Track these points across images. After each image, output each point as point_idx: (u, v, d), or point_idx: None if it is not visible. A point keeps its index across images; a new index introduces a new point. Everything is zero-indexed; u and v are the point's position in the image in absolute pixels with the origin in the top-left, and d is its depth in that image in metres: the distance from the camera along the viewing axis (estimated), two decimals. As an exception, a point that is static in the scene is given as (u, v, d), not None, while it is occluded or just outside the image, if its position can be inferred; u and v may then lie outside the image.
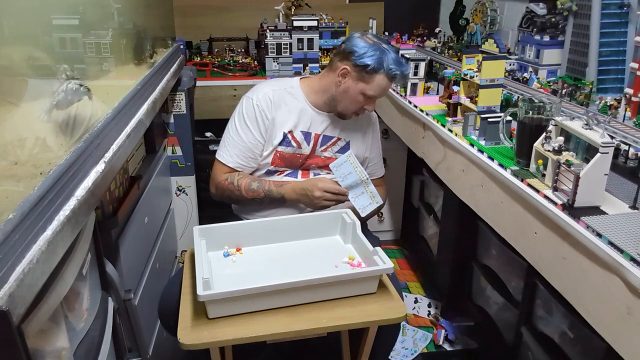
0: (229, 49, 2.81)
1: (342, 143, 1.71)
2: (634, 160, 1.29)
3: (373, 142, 1.80)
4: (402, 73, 1.59)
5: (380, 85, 1.57)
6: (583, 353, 1.27)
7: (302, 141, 1.66)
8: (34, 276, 0.67)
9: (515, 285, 1.61)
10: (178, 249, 2.37)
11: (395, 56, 1.57)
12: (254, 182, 1.61)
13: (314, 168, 1.70)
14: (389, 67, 1.54)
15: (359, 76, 1.56)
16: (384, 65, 1.54)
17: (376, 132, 1.82)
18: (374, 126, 1.81)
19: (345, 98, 1.60)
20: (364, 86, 1.57)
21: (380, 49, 1.55)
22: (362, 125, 1.75)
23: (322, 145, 1.69)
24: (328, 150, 1.70)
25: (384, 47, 1.56)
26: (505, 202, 1.35)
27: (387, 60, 1.54)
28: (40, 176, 0.77)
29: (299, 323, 1.17)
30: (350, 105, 1.62)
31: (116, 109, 1.16)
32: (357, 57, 1.54)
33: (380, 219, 2.80)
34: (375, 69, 1.54)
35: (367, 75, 1.55)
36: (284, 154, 1.65)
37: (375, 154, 1.82)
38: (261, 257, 1.39)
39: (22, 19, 0.78)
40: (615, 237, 0.98)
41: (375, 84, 1.56)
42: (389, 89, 1.64)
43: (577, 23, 1.84)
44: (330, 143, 1.70)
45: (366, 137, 1.76)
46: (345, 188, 1.56)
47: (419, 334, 2.14)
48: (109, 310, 1.08)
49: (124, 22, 1.40)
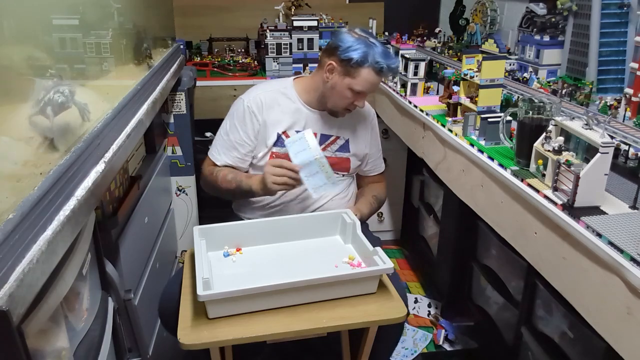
0: (229, 49, 2.81)
1: (341, 141, 1.71)
2: (634, 160, 1.29)
3: (372, 139, 1.79)
4: (388, 66, 1.53)
5: (367, 80, 1.54)
6: (583, 353, 1.27)
7: None
8: (34, 276, 0.67)
9: (515, 285, 1.61)
10: (178, 249, 2.37)
11: (383, 49, 1.54)
12: (231, 173, 1.63)
13: None
14: (375, 61, 1.51)
15: (344, 71, 1.54)
16: (369, 59, 1.51)
17: (375, 128, 1.81)
18: (372, 122, 1.79)
19: (333, 94, 1.59)
20: (350, 81, 1.54)
21: (366, 42, 1.53)
22: (360, 122, 1.74)
23: (321, 145, 1.69)
24: (327, 149, 1.69)
25: (371, 40, 1.54)
26: (505, 202, 1.35)
27: (373, 53, 1.51)
28: (40, 176, 0.77)
29: (299, 323, 1.17)
30: (339, 102, 1.60)
31: (116, 109, 1.16)
32: (342, 52, 1.53)
33: (380, 219, 2.80)
34: (361, 63, 1.51)
35: (353, 70, 1.53)
36: (279, 154, 1.64)
37: (375, 151, 1.81)
38: (261, 257, 1.39)
39: (20, 19, 0.78)
40: (615, 237, 0.98)
41: (361, 79, 1.54)
42: (377, 83, 1.59)
43: (577, 23, 1.84)
44: (329, 142, 1.70)
45: (365, 134, 1.75)
46: (297, 165, 1.49)
47: (419, 334, 2.14)
48: (109, 310, 1.08)
49: (124, 22, 1.40)
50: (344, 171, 1.71)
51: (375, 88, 1.61)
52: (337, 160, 1.69)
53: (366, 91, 1.58)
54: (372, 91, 1.62)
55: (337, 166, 1.69)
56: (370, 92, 1.61)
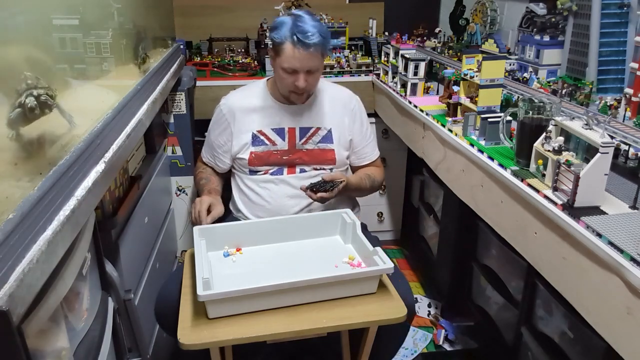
0: (229, 49, 2.80)
1: (323, 132, 1.71)
2: (634, 160, 1.29)
3: (356, 125, 1.76)
4: (303, 35, 1.49)
5: (290, 55, 1.53)
6: (583, 353, 1.27)
7: (274, 138, 1.68)
8: (34, 276, 0.67)
9: (515, 285, 1.61)
10: (178, 249, 2.37)
11: (299, 21, 1.52)
12: (203, 179, 1.78)
13: (300, 164, 1.70)
14: (291, 34, 1.51)
15: (274, 52, 1.58)
16: (286, 34, 1.52)
17: (358, 114, 1.78)
18: (354, 109, 1.77)
19: (277, 79, 1.63)
20: (279, 60, 1.56)
21: (286, 20, 1.54)
22: (340, 110, 1.74)
23: (302, 138, 1.69)
24: (309, 142, 1.70)
25: (291, 15, 1.55)
26: (505, 202, 1.35)
27: (291, 27, 1.51)
28: (40, 176, 0.77)
29: (299, 323, 1.17)
30: (282, 86, 1.62)
31: (116, 108, 1.16)
32: (270, 36, 1.58)
33: (380, 219, 2.80)
34: (280, 41, 1.53)
35: (279, 49, 1.55)
36: (258, 153, 1.68)
37: (361, 138, 1.78)
38: (261, 257, 1.39)
39: (19, 19, 0.78)
40: (615, 237, 0.98)
41: (285, 55, 1.54)
42: (304, 57, 1.53)
43: (577, 23, 1.84)
44: (310, 134, 1.70)
45: (347, 121, 1.74)
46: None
47: (419, 334, 2.14)
48: (109, 310, 1.08)
49: (124, 22, 1.40)
50: (329, 163, 1.71)
51: (304, 62, 1.54)
52: (320, 152, 1.70)
53: (295, 68, 1.55)
54: (302, 66, 1.55)
55: (321, 158, 1.70)
56: (302, 68, 1.55)
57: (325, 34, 1.55)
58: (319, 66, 1.59)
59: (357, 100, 1.80)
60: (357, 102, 1.79)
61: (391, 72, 2.21)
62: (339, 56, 2.56)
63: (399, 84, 2.13)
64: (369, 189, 1.77)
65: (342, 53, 2.60)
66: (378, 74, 2.43)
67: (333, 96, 1.76)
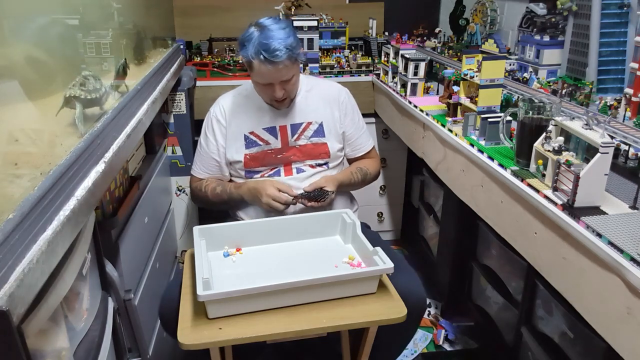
0: (229, 49, 2.80)
1: (314, 126, 1.71)
2: (634, 160, 1.29)
3: (347, 119, 1.77)
4: (267, 52, 1.47)
5: (260, 71, 1.53)
6: (583, 353, 1.27)
7: (267, 137, 1.68)
8: (34, 276, 0.67)
9: (515, 285, 1.61)
10: (178, 249, 2.36)
11: (263, 37, 1.49)
12: (219, 186, 1.71)
13: (295, 161, 1.70)
14: (257, 52, 1.49)
15: (248, 67, 1.58)
16: (252, 51, 1.50)
17: (349, 106, 1.78)
18: (344, 101, 1.77)
19: (257, 91, 1.65)
20: (252, 75, 1.58)
21: (252, 35, 1.51)
22: (329, 103, 1.75)
23: (294, 135, 1.70)
24: (302, 137, 1.70)
25: (257, 27, 1.53)
26: (505, 202, 1.35)
27: (255, 45, 1.49)
28: (40, 176, 0.77)
29: (299, 323, 1.17)
30: (262, 96, 1.65)
31: (116, 108, 1.16)
32: (240, 52, 1.58)
33: (380, 219, 2.80)
34: (249, 59, 1.52)
35: (250, 65, 1.55)
36: (253, 154, 1.68)
37: (353, 130, 1.78)
38: (261, 257, 1.39)
39: (18, 19, 0.78)
40: (615, 237, 0.98)
41: (256, 71, 1.54)
42: (273, 71, 1.51)
43: (577, 23, 1.84)
44: (302, 129, 1.70)
45: (337, 114, 1.75)
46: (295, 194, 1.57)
47: (419, 334, 2.14)
48: (109, 310, 1.08)
49: (124, 22, 1.40)
50: (324, 157, 1.72)
51: (275, 75, 1.53)
52: (314, 147, 1.71)
53: (267, 82, 1.56)
54: (275, 79, 1.55)
55: (315, 152, 1.70)
56: (276, 81, 1.55)
57: (291, 44, 1.51)
58: (293, 72, 1.58)
59: (347, 93, 1.81)
60: (346, 94, 1.80)
61: (391, 72, 2.21)
62: (339, 56, 2.56)
63: (399, 84, 2.13)
64: (360, 182, 1.78)
65: (342, 53, 2.60)
66: (378, 74, 2.43)
67: (322, 91, 1.77)
